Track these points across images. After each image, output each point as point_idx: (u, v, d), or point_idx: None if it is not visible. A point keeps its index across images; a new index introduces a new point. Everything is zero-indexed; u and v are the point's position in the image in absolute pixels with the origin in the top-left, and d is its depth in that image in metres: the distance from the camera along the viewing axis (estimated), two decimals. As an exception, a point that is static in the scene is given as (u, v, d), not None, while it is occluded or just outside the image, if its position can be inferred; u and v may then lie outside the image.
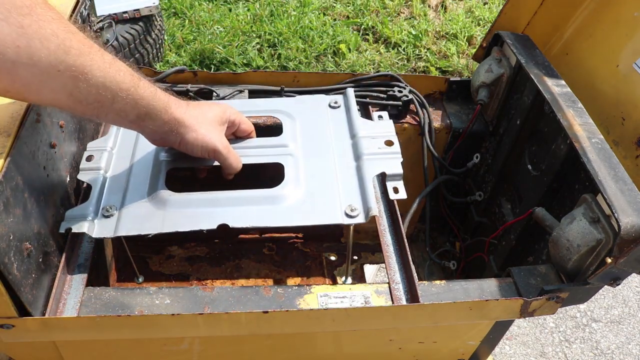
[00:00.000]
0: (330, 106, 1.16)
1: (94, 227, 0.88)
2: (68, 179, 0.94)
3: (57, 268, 0.86)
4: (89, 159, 0.99)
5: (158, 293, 0.87)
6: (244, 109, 1.08)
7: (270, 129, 1.14)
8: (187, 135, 0.87)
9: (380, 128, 1.07)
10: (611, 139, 1.14)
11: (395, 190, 0.98)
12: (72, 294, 0.86)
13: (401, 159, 1.01)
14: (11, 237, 0.70)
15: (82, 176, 0.96)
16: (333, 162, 1.01)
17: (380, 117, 1.13)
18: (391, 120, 1.11)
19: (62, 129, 0.91)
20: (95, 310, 0.84)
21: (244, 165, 0.98)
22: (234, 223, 0.89)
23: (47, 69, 0.64)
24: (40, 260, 0.80)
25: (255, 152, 1.03)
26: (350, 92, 1.19)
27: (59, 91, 0.68)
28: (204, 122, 0.89)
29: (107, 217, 0.89)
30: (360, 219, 0.91)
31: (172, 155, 1.00)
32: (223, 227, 0.88)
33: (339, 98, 1.18)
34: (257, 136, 1.07)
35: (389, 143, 1.04)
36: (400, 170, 0.99)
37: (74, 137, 0.98)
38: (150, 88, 0.79)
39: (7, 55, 0.60)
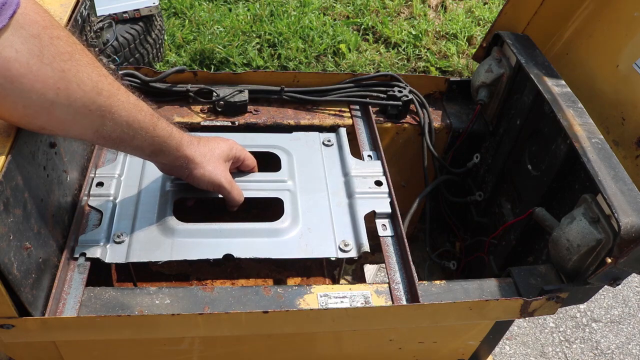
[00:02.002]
0: (323, 144, 1.22)
1: (107, 253, 0.93)
2: (68, 179, 0.94)
3: (57, 268, 0.86)
4: (99, 185, 1.04)
5: (158, 293, 0.87)
6: (244, 143, 1.16)
7: (265, 156, 1.19)
8: (195, 171, 0.95)
9: (370, 168, 1.15)
10: (611, 139, 1.14)
11: (384, 227, 1.04)
12: (72, 294, 0.86)
13: (389, 199, 1.08)
14: (11, 237, 0.70)
15: (93, 202, 1.01)
16: (327, 199, 1.09)
17: (369, 156, 1.19)
18: (379, 161, 1.17)
19: (62, 129, 0.91)
20: (95, 310, 0.84)
21: (245, 198, 1.05)
22: (238, 253, 0.95)
23: (81, 109, 0.71)
24: (40, 260, 0.80)
25: (256, 186, 1.10)
26: (343, 131, 1.25)
27: (87, 128, 0.75)
28: (212, 159, 0.96)
29: (118, 243, 0.95)
30: (353, 254, 0.98)
31: (178, 185, 1.07)
32: (228, 257, 0.95)
33: (332, 136, 1.24)
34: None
35: (378, 183, 1.11)
36: (388, 210, 1.06)
37: (74, 137, 0.97)
38: (167, 128, 0.87)
39: (48, 96, 0.67)
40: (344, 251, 0.98)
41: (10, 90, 0.63)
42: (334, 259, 0.97)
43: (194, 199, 1.07)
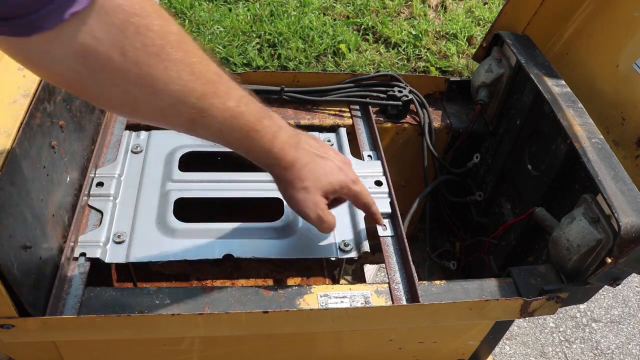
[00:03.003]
0: None
1: (107, 253, 0.93)
2: (68, 179, 0.94)
3: (57, 268, 0.86)
4: (99, 185, 1.03)
5: (158, 293, 0.87)
6: None
7: None
8: (287, 192, 0.83)
9: (370, 168, 1.14)
10: (611, 139, 1.13)
11: (384, 227, 1.04)
12: (72, 294, 0.86)
13: (389, 199, 1.07)
14: (11, 237, 0.70)
15: (93, 202, 1.00)
16: None
17: (369, 156, 1.18)
18: (379, 161, 1.16)
19: (62, 129, 0.91)
20: (95, 310, 0.84)
21: (245, 198, 1.04)
22: (238, 253, 0.95)
23: (167, 108, 0.65)
24: (40, 260, 0.80)
25: (256, 186, 1.09)
26: (343, 131, 1.24)
27: (177, 126, 0.69)
28: (311, 187, 0.82)
29: (119, 243, 0.94)
30: (353, 254, 0.98)
31: (178, 185, 1.06)
32: (228, 257, 0.94)
33: (332, 137, 1.24)
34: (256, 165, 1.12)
35: (378, 183, 1.11)
36: (388, 210, 1.05)
37: (74, 137, 0.98)
38: (268, 140, 0.76)
39: (130, 93, 0.61)
40: (344, 251, 0.98)
41: (90, 79, 0.58)
42: (334, 259, 0.97)
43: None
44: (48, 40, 0.53)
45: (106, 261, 0.92)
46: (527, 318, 1.83)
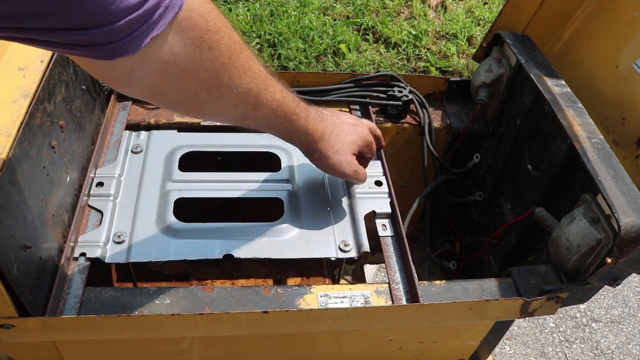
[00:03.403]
0: None
1: (107, 253, 0.93)
2: (68, 179, 0.94)
3: (57, 268, 0.86)
4: (99, 185, 1.03)
5: (158, 293, 0.87)
6: (244, 143, 1.16)
7: (266, 156, 1.19)
8: (322, 161, 0.95)
9: (370, 168, 1.14)
10: (611, 139, 1.13)
11: (384, 227, 1.04)
12: (72, 294, 0.86)
13: (389, 199, 1.08)
14: (11, 237, 0.70)
15: (93, 202, 1.01)
16: (327, 199, 1.08)
17: None
18: (379, 161, 1.16)
19: (62, 129, 0.91)
20: (95, 310, 0.84)
21: (245, 198, 1.06)
22: (237, 254, 0.95)
23: (228, 107, 0.73)
24: (40, 260, 0.80)
25: (256, 186, 1.10)
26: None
27: (230, 119, 0.78)
28: (340, 150, 0.95)
29: (119, 243, 0.95)
30: (353, 254, 0.98)
31: (178, 185, 1.07)
32: (228, 257, 0.94)
33: None
34: (256, 165, 1.15)
35: (378, 183, 1.11)
36: (388, 210, 1.06)
37: (74, 137, 0.98)
38: (304, 122, 0.87)
39: (199, 96, 0.68)
40: (344, 251, 0.98)
41: (167, 89, 0.65)
42: (334, 259, 0.97)
43: None
44: (132, 62, 0.58)
45: (106, 261, 0.92)
46: (527, 318, 1.83)
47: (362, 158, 1.04)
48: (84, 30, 0.51)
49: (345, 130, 0.97)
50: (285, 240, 0.99)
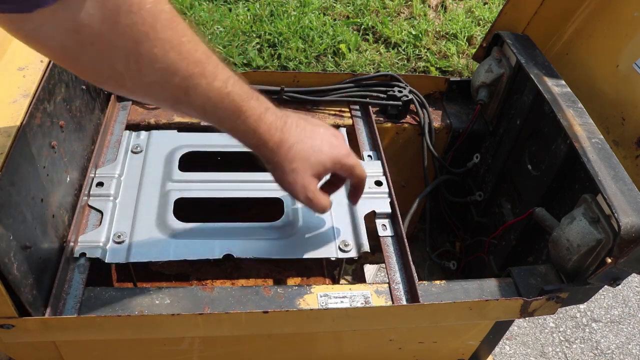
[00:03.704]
0: None
1: (107, 253, 0.93)
2: (68, 179, 0.94)
3: (57, 268, 0.86)
4: (99, 185, 1.03)
5: (158, 293, 0.87)
6: None
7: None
8: (275, 172, 0.83)
9: (370, 168, 1.14)
10: (611, 139, 1.13)
11: (384, 227, 1.04)
12: (72, 294, 0.86)
13: (389, 199, 1.07)
14: (11, 237, 0.70)
15: (93, 202, 1.00)
16: None
17: (369, 156, 1.18)
18: (379, 161, 1.16)
19: (62, 129, 0.91)
20: (95, 310, 0.84)
21: (245, 198, 1.04)
22: (238, 253, 0.95)
23: (151, 85, 0.66)
24: (40, 260, 0.80)
25: (256, 186, 1.09)
26: (343, 131, 1.24)
27: (161, 102, 0.71)
28: (300, 167, 0.81)
29: (119, 243, 0.94)
30: (353, 254, 0.98)
31: (178, 185, 1.06)
32: (228, 257, 0.94)
33: None
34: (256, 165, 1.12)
35: (378, 183, 1.11)
36: (388, 210, 1.06)
37: (74, 137, 0.98)
38: (253, 121, 0.75)
39: (117, 67, 0.62)
40: (344, 251, 0.98)
41: (79, 54, 0.60)
42: (334, 259, 0.97)
43: None
44: (44, 16, 0.55)
45: (106, 261, 0.92)
46: (527, 318, 1.83)
47: (332, 184, 0.92)
48: None
49: (315, 146, 0.82)
50: (285, 240, 0.99)
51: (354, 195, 0.95)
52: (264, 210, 1.12)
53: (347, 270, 1.40)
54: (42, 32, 0.57)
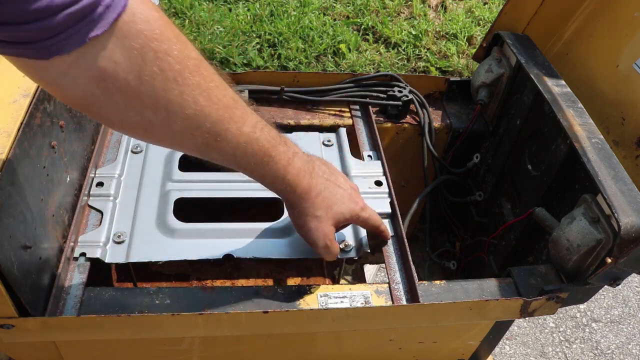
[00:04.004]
0: (323, 144, 1.22)
1: (107, 253, 0.93)
2: (68, 179, 0.94)
3: (57, 268, 0.86)
4: (99, 185, 1.03)
5: (158, 293, 0.87)
6: None
7: None
8: (297, 219, 0.85)
9: (370, 168, 1.14)
10: (611, 139, 1.14)
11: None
12: (72, 294, 0.86)
13: (389, 199, 1.07)
14: (11, 237, 0.70)
15: (93, 202, 1.00)
16: None
17: (369, 156, 1.18)
18: (379, 161, 1.16)
19: (62, 129, 0.91)
20: (95, 310, 0.84)
21: (245, 198, 1.04)
22: (238, 254, 0.95)
23: (181, 132, 0.64)
24: (40, 260, 0.80)
25: (256, 186, 1.08)
26: (343, 131, 1.24)
27: (190, 149, 0.69)
28: (322, 216, 0.83)
29: (119, 243, 0.94)
30: (353, 254, 0.97)
31: (178, 185, 1.06)
32: (228, 257, 0.94)
33: (332, 136, 1.23)
34: None
35: (378, 183, 1.11)
36: (388, 210, 1.06)
37: (74, 137, 0.98)
38: (280, 168, 0.76)
39: (145, 116, 0.61)
40: (344, 251, 0.97)
41: (106, 102, 0.58)
42: None
43: None
44: (67, 63, 0.53)
45: (106, 261, 0.92)
46: (527, 318, 1.83)
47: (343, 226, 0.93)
48: (16, 25, 0.47)
49: (338, 196, 0.84)
50: (285, 240, 0.99)
51: (373, 238, 0.98)
52: (264, 210, 1.12)
53: (347, 270, 1.40)
54: (65, 80, 0.55)
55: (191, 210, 1.05)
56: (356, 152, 1.19)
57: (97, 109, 0.60)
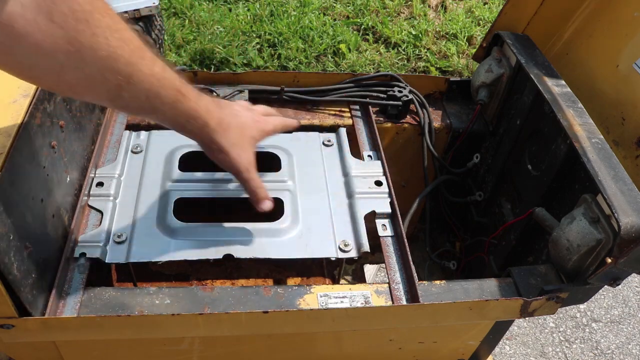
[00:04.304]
0: (323, 144, 1.22)
1: (107, 253, 0.93)
2: (68, 179, 0.94)
3: (57, 268, 0.86)
4: (99, 185, 1.03)
5: (158, 293, 0.87)
6: None
7: (266, 156, 1.18)
8: (218, 156, 0.88)
9: (370, 168, 1.14)
10: (611, 139, 1.13)
11: (384, 227, 1.04)
12: (72, 294, 0.86)
13: (389, 199, 1.07)
14: (11, 237, 0.70)
15: (93, 202, 1.00)
16: (327, 199, 1.08)
17: (369, 156, 1.19)
18: (379, 161, 1.16)
19: (62, 129, 0.91)
20: (95, 310, 0.84)
21: (245, 198, 1.03)
22: (238, 254, 0.95)
23: (94, 75, 0.63)
24: (40, 260, 0.80)
25: None
26: (343, 131, 1.24)
27: (102, 95, 0.68)
28: (239, 144, 0.88)
29: (119, 243, 0.94)
30: (353, 254, 0.98)
31: (178, 185, 1.07)
32: (228, 257, 0.94)
33: (332, 136, 1.24)
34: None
35: (378, 183, 1.11)
36: (388, 210, 1.06)
37: (74, 137, 0.98)
38: (192, 107, 0.78)
39: (57, 58, 0.59)
40: (344, 251, 0.98)
41: (14, 48, 0.56)
42: (334, 259, 0.97)
43: None
44: None
45: (106, 261, 0.92)
46: (527, 318, 1.83)
47: None
48: None
49: (244, 121, 0.89)
50: (285, 240, 0.99)
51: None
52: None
53: (347, 270, 1.40)
54: None
55: (191, 210, 1.05)
56: (356, 152, 1.19)
57: (8, 57, 0.58)
